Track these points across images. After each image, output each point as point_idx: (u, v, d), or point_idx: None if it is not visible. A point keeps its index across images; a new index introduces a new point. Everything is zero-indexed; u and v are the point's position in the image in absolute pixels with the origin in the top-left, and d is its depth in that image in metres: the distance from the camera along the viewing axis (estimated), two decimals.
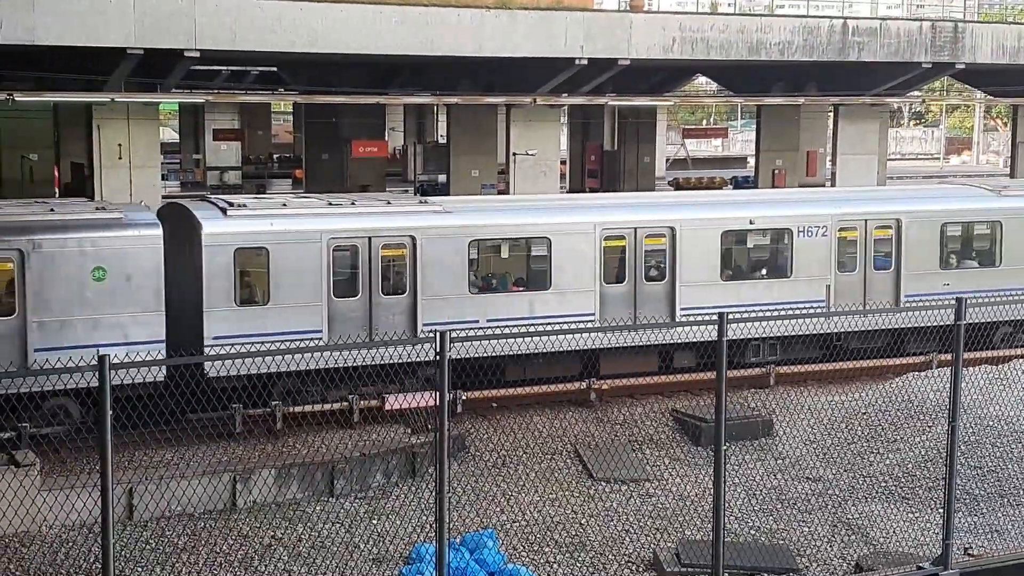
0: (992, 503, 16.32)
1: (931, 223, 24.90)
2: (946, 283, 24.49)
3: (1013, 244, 25.22)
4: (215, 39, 26.38)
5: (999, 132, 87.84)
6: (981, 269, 25.29)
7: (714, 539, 10.60)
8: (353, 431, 19.53)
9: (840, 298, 23.71)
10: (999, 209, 25.62)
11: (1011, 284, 24.26)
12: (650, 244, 23.09)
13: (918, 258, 24.56)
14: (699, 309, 22.41)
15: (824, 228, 23.93)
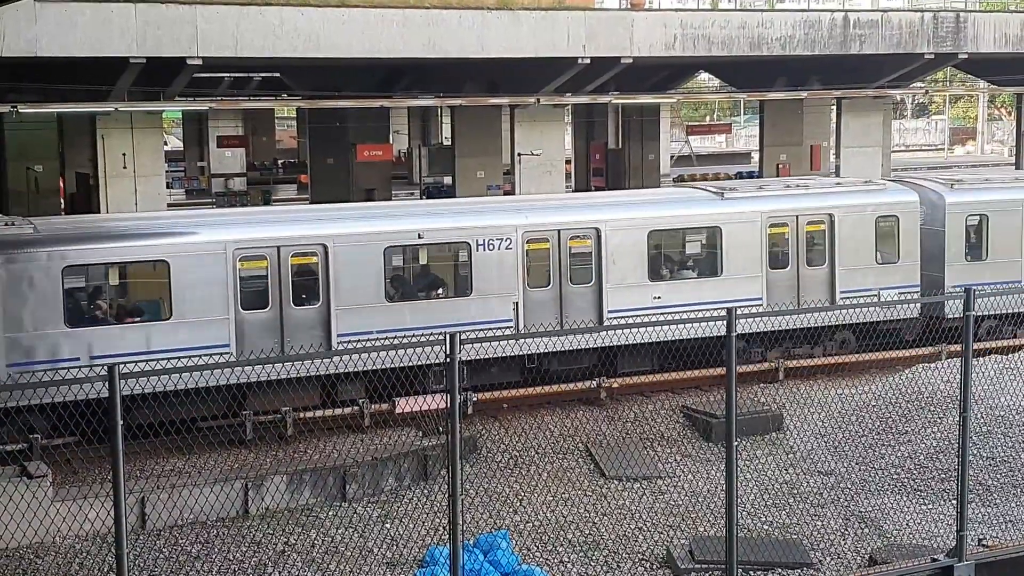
0: (1005, 493, 16.30)
1: (635, 231, 22.75)
2: (657, 296, 22.63)
3: (734, 252, 23.35)
4: (217, 46, 26.39)
5: (1003, 121, 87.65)
6: (699, 280, 23.28)
7: (727, 535, 10.60)
8: (364, 435, 19.55)
9: (532, 316, 21.75)
10: (719, 214, 23.60)
11: (733, 296, 22.55)
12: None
13: (624, 270, 22.49)
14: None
15: (509, 240, 21.76)
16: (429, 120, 65.64)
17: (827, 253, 24.09)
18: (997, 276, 24.88)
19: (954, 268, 25.06)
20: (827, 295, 23.88)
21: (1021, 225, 25.52)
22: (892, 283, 24.29)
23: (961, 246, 25.35)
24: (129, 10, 25.14)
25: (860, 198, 24.83)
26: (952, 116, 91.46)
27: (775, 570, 14.84)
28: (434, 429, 19.52)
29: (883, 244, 24.59)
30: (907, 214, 24.85)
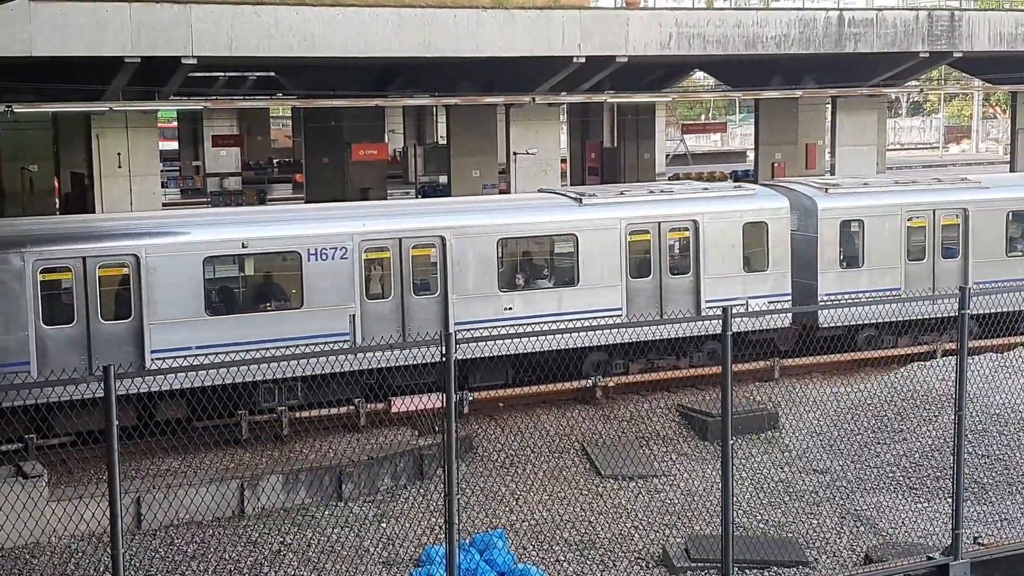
0: (1000, 491, 16.33)
1: (484, 239, 21.69)
2: (508, 307, 21.67)
3: (592, 260, 22.34)
4: (212, 45, 26.38)
5: (998, 119, 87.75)
6: (555, 289, 22.25)
7: (723, 533, 10.61)
8: (360, 434, 19.55)
9: (371, 330, 20.63)
10: (575, 221, 22.56)
11: (592, 306, 21.83)
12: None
13: (472, 279, 21.50)
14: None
15: (344, 249, 20.67)
16: (424, 119, 65.63)
17: (692, 261, 23.09)
18: (874, 284, 24.16)
19: (828, 276, 24.15)
20: (692, 305, 22.91)
21: (899, 231, 24.63)
22: (761, 292, 23.39)
23: (835, 253, 24.36)
24: (124, 10, 25.12)
25: (727, 204, 23.76)
26: (947, 114, 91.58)
27: (771, 568, 14.86)
28: (430, 428, 19.52)
29: (752, 252, 23.61)
30: (777, 220, 23.79)
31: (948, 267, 25.08)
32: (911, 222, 24.80)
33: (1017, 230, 25.91)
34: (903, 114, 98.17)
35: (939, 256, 24.99)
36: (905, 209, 24.78)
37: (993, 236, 25.32)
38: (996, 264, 25.22)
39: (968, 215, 25.11)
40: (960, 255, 25.11)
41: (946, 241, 25.16)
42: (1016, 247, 25.83)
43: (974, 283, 24.39)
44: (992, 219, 25.33)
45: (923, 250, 24.92)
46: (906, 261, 24.66)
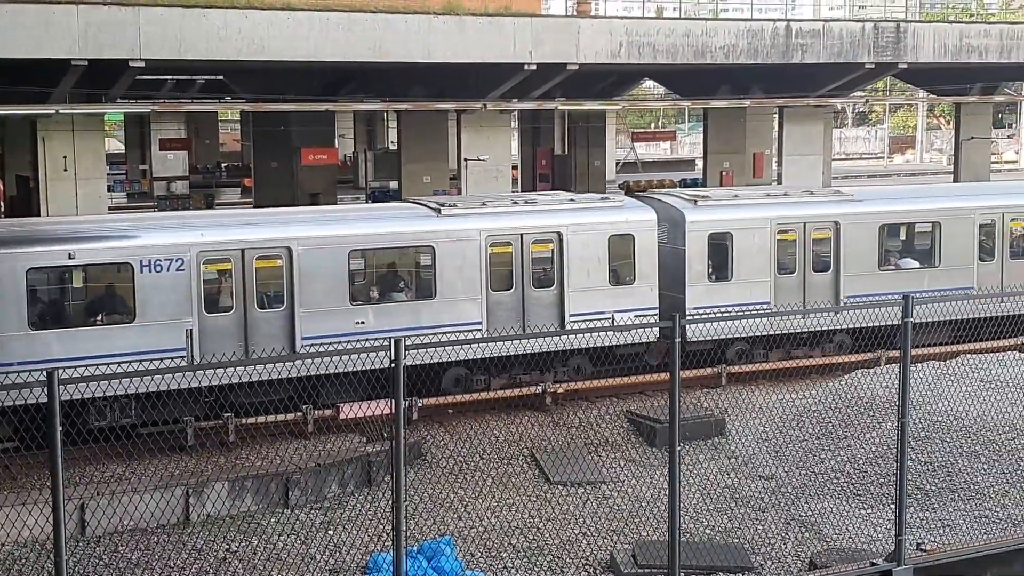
0: (943, 498, 16.53)
1: (333, 250, 20.95)
2: (360, 321, 20.91)
3: (452, 273, 21.76)
4: (160, 48, 26.18)
5: (942, 130, 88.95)
6: (411, 303, 21.65)
7: (670, 539, 10.68)
8: (308, 441, 19.46)
9: (212, 345, 19.70)
10: (433, 232, 21.90)
11: (451, 320, 21.41)
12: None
13: (320, 292, 20.71)
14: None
15: (181, 261, 19.82)
16: (375, 124, 65.50)
17: (556, 274, 22.50)
18: (744, 297, 23.72)
19: (696, 289, 23.71)
20: (556, 319, 22.34)
21: (769, 244, 24.18)
22: (628, 305, 22.91)
23: (704, 266, 23.91)
24: (72, 12, 24.87)
25: (592, 216, 23.18)
26: (892, 125, 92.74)
27: (716, 574, 14.96)
28: (379, 435, 19.46)
29: (618, 264, 23.13)
30: (644, 232, 23.28)
31: (819, 280, 24.71)
32: (781, 235, 24.38)
33: (890, 243, 25.82)
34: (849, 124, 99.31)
35: (810, 269, 24.58)
36: (775, 222, 24.36)
37: (865, 249, 25.00)
38: (868, 278, 24.91)
39: (840, 228, 24.75)
40: (832, 268, 24.73)
41: (817, 254, 24.77)
42: (889, 260, 25.68)
43: (846, 297, 24.40)
44: (864, 232, 25.03)
45: (794, 263, 24.50)
46: (776, 274, 24.23)
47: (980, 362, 21.30)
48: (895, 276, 25.42)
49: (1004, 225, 26.38)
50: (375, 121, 64.59)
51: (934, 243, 25.91)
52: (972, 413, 18.19)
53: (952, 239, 25.87)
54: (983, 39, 37.05)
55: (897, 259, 25.95)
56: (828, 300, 24.46)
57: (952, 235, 25.87)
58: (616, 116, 64.37)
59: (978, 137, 43.73)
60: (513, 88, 31.82)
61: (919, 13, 67.08)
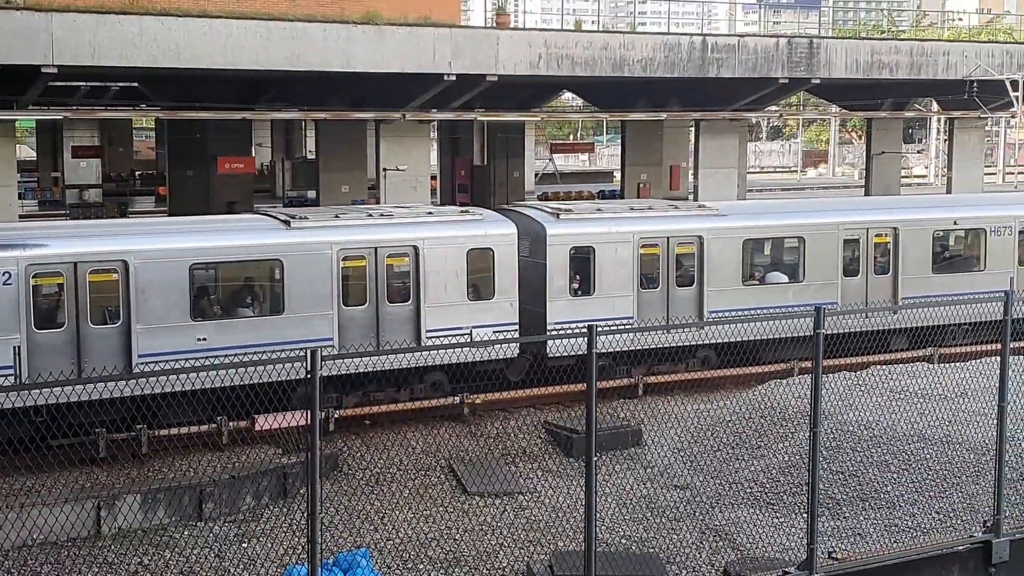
0: (854, 507, 16.80)
1: (172, 264, 20.27)
2: (202, 337, 20.11)
3: (301, 288, 21.15)
4: (74, 55, 25.76)
5: (854, 144, 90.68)
6: (259, 319, 20.99)
7: (586, 550, 10.73)
8: (222, 453, 19.23)
9: (40, 363, 18.80)
10: (281, 245, 21.21)
11: (301, 336, 20.63)
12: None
13: (159, 308, 19.99)
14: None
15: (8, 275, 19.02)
16: (293, 133, 65.00)
17: (412, 288, 22.00)
18: (606, 312, 23.32)
19: (557, 304, 23.37)
20: (412, 335, 21.87)
21: (632, 258, 23.96)
22: (487, 321, 22.46)
23: (565, 280, 23.59)
24: None
25: (450, 229, 22.74)
26: (805, 139, 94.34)
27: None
28: (295, 446, 19.30)
29: (477, 279, 22.72)
30: (503, 246, 22.86)
31: (683, 295, 24.56)
32: (645, 249, 24.20)
33: (754, 259, 25.74)
34: (763, 138, 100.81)
35: (673, 284, 24.46)
36: (638, 236, 24.17)
37: (729, 264, 24.90)
38: (732, 292, 24.83)
39: (704, 243, 24.62)
40: (695, 283, 24.63)
41: (681, 269, 24.64)
42: (753, 275, 25.59)
43: (709, 312, 24.38)
44: (728, 247, 24.96)
45: (657, 278, 24.34)
46: (639, 289, 24.07)
47: (890, 373, 21.73)
48: (759, 291, 25.35)
49: (869, 241, 26.46)
50: (293, 130, 64.11)
51: (799, 258, 25.88)
52: (882, 423, 18.53)
53: (816, 255, 25.83)
54: (894, 56, 37.86)
55: (762, 274, 25.86)
56: (692, 315, 24.31)
57: (816, 251, 25.85)
58: (535, 127, 64.63)
59: (889, 152, 44.64)
60: (432, 98, 31.82)
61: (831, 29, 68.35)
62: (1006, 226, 27.88)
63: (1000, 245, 27.78)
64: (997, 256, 27.72)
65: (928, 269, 26.99)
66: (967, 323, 25.14)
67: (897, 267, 26.65)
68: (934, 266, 27.16)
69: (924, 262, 26.94)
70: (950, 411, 18.56)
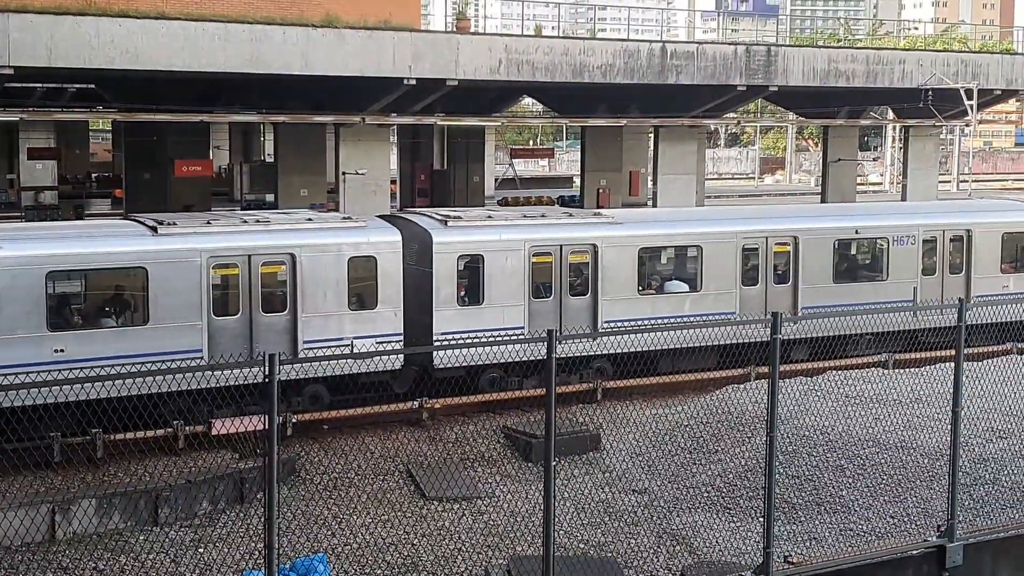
0: (810, 511, 16.92)
1: (27, 272, 19.54)
2: (59, 349, 19.41)
3: (168, 297, 20.36)
4: (30, 56, 25.55)
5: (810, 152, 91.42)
6: (120, 330, 20.30)
7: (544, 554, 10.75)
8: (178, 457, 19.10)
9: None
10: (145, 253, 20.44)
11: (168, 347, 19.89)
12: None
13: (12, 318, 19.24)
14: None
15: None
16: (252, 136, 64.71)
17: (289, 298, 21.27)
18: (497, 322, 22.68)
19: (444, 314, 22.58)
20: (288, 346, 21.01)
21: (523, 267, 23.21)
22: (370, 331, 21.71)
23: (453, 289, 22.80)
24: None
25: (330, 236, 22.03)
26: (762, 146, 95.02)
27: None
28: (251, 451, 19.19)
29: (359, 288, 21.98)
30: (387, 255, 22.15)
31: (576, 304, 23.84)
32: (537, 258, 23.45)
33: (651, 268, 25.13)
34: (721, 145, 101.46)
35: (567, 293, 23.72)
36: (530, 244, 23.42)
37: (624, 273, 24.21)
38: (628, 302, 24.17)
39: (598, 251, 23.92)
40: (590, 292, 23.91)
41: (575, 278, 23.89)
42: (650, 284, 25.02)
43: (604, 321, 23.75)
44: (623, 256, 24.25)
45: (549, 287, 23.57)
46: (531, 298, 23.31)
47: (845, 378, 21.90)
48: (655, 300, 24.77)
49: (768, 250, 25.88)
50: (252, 133, 63.83)
51: (697, 268, 25.25)
52: (838, 428, 18.67)
53: (714, 263, 25.23)
54: (850, 64, 38.26)
55: (659, 283, 25.27)
56: (585, 325, 23.59)
57: (714, 259, 25.24)
58: (495, 132, 64.73)
59: (845, 159, 45.09)
60: (392, 102, 31.81)
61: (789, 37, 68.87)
62: (909, 235, 27.39)
63: (903, 255, 27.26)
64: (900, 266, 27.20)
65: (829, 279, 26.45)
66: (870, 333, 24.68)
67: (797, 277, 26.03)
68: (835, 276, 26.61)
69: (825, 272, 26.42)
70: (905, 416, 18.75)
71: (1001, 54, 50.72)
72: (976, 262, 28.10)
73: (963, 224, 28.30)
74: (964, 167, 56.30)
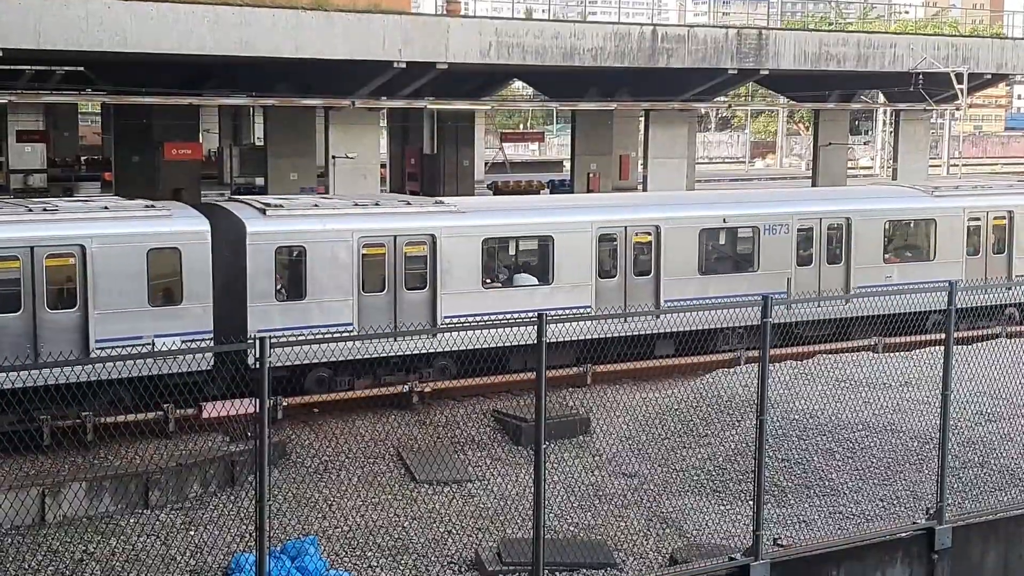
0: (799, 494, 17.00)
1: None
2: None
3: None
4: (18, 38, 25.43)
5: (801, 136, 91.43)
6: None
7: (534, 537, 10.78)
8: (169, 440, 19.10)
9: None
10: None
11: None
12: None
13: None
14: None
15: None
16: (241, 119, 64.48)
17: (79, 293, 19.72)
18: (321, 319, 21.22)
19: (260, 310, 21.02)
20: (78, 346, 19.49)
21: (353, 260, 21.71)
22: (174, 329, 20.10)
23: (271, 284, 21.26)
24: None
25: (127, 226, 20.40)
26: (753, 130, 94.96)
27: (580, 571, 15.14)
28: (242, 434, 19.20)
29: (161, 282, 20.52)
30: (193, 246, 20.59)
31: (413, 299, 22.38)
32: (368, 250, 21.96)
33: (498, 259, 23.81)
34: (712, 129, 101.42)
35: (403, 287, 22.24)
36: (360, 235, 21.92)
37: (467, 265, 22.80)
38: (471, 296, 22.77)
39: (437, 242, 22.43)
40: (428, 286, 22.45)
41: (411, 271, 22.39)
42: (497, 277, 23.65)
43: (444, 317, 22.37)
44: (466, 247, 22.81)
45: (383, 281, 22.09)
46: (361, 293, 21.84)
47: (835, 362, 21.98)
48: (502, 295, 23.27)
49: (628, 240, 24.45)
50: (241, 116, 63.59)
51: (549, 259, 23.72)
52: (827, 412, 18.74)
53: (568, 255, 23.72)
54: (841, 47, 38.24)
55: (507, 276, 23.83)
56: (425, 321, 22.20)
57: (568, 251, 23.74)
58: (485, 116, 64.63)
59: (835, 143, 45.10)
60: (382, 86, 31.73)
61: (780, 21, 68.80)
62: (782, 224, 26.04)
63: (775, 244, 25.92)
64: (772, 256, 25.85)
65: (694, 270, 25.12)
66: (740, 327, 23.62)
67: (659, 268, 24.66)
68: (702, 267, 25.31)
69: (689, 263, 25.06)
70: (894, 400, 18.82)
71: (991, 38, 50.78)
72: (856, 252, 26.74)
73: (841, 212, 27.02)
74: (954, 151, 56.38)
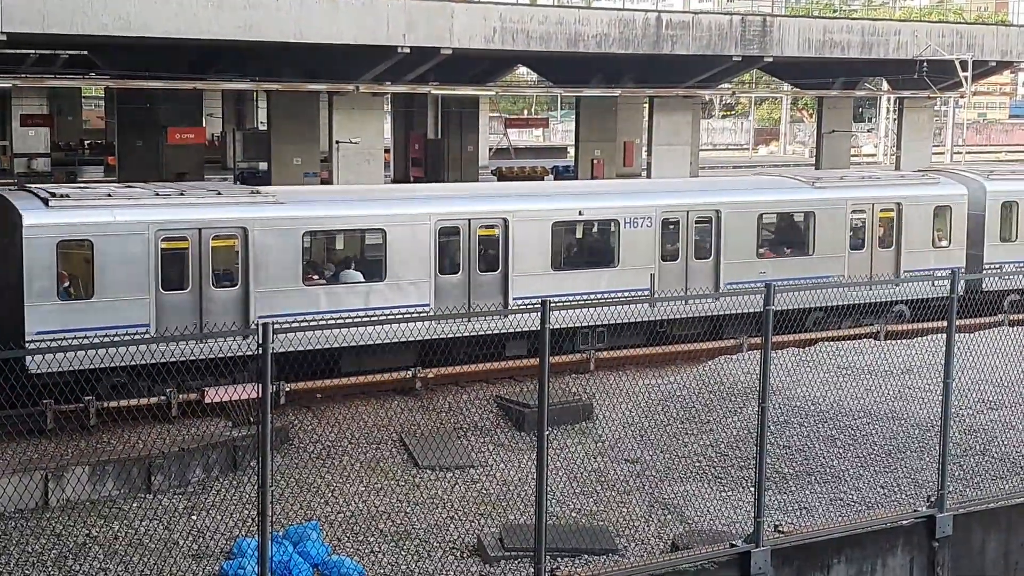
0: (800, 481, 17.01)
1: None
2: None
3: None
4: (23, 22, 25.42)
5: (805, 123, 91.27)
6: None
7: (536, 523, 10.81)
8: (171, 425, 19.14)
9: None
10: None
11: None
12: None
13: None
14: None
15: None
16: (244, 104, 64.48)
17: None
18: (112, 320, 19.44)
19: (41, 310, 19.33)
20: None
21: (148, 254, 20.13)
22: None
23: (53, 282, 19.60)
24: None
25: None
26: (757, 117, 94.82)
27: (582, 556, 15.18)
28: (245, 419, 19.23)
29: None
30: None
31: (221, 297, 20.87)
32: (167, 243, 20.38)
33: (319, 254, 22.54)
34: (716, 115, 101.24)
35: (209, 284, 20.68)
36: (156, 227, 20.26)
37: (284, 261, 21.27)
38: (288, 294, 21.25)
39: (249, 236, 20.90)
40: (239, 283, 20.95)
41: (219, 266, 20.94)
42: (321, 274, 22.25)
43: (257, 317, 20.56)
44: (283, 240, 21.29)
45: (182, 277, 20.51)
46: (159, 291, 20.26)
47: (837, 349, 21.98)
48: (327, 293, 21.82)
49: (472, 233, 22.94)
50: (244, 101, 63.59)
51: (381, 255, 22.34)
52: (829, 399, 18.75)
53: (402, 250, 22.35)
54: (846, 35, 38.14)
55: (332, 272, 22.38)
56: (234, 321, 20.55)
57: (402, 245, 22.34)
58: (489, 102, 64.57)
59: (839, 130, 45.00)
60: (386, 71, 31.69)
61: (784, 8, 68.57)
62: (645, 217, 24.59)
63: (637, 238, 24.55)
64: (634, 251, 24.47)
65: (547, 265, 23.65)
66: (602, 325, 23.12)
67: (508, 263, 23.19)
68: (556, 262, 23.88)
69: (542, 257, 23.59)
70: (896, 387, 18.82)
71: (996, 25, 50.65)
72: (726, 246, 25.41)
73: (710, 204, 25.61)
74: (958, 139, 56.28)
